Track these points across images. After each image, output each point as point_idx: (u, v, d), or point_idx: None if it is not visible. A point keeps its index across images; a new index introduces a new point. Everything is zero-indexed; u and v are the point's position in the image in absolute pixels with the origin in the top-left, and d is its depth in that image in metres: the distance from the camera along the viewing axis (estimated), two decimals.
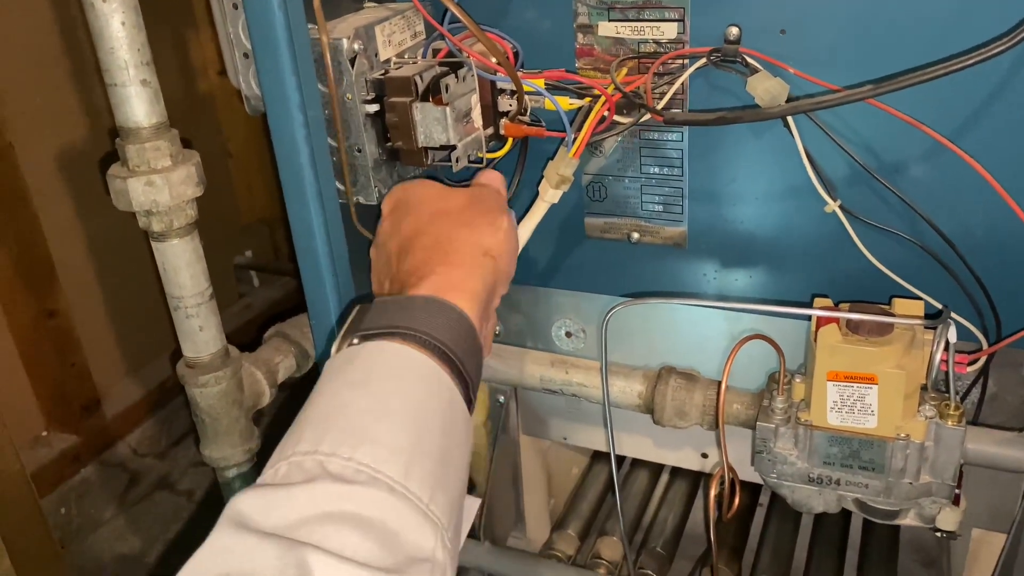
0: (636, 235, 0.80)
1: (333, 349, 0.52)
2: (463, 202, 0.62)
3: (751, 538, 0.97)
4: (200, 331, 0.71)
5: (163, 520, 1.45)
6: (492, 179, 0.67)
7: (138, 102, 0.63)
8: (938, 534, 0.70)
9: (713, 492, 0.72)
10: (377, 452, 0.43)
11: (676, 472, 1.08)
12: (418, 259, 0.57)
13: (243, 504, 0.41)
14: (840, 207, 0.69)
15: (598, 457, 1.13)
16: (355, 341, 0.50)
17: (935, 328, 0.60)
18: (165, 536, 1.41)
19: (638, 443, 0.92)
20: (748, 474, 0.76)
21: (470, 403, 0.51)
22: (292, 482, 0.42)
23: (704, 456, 0.90)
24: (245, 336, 1.70)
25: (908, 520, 0.67)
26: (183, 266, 0.69)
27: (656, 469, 1.08)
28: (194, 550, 0.43)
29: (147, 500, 1.50)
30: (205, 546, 0.41)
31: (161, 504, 1.49)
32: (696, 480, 1.05)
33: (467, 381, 0.50)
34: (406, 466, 0.43)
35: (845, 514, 0.79)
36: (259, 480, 0.44)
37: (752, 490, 1.04)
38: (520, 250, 0.72)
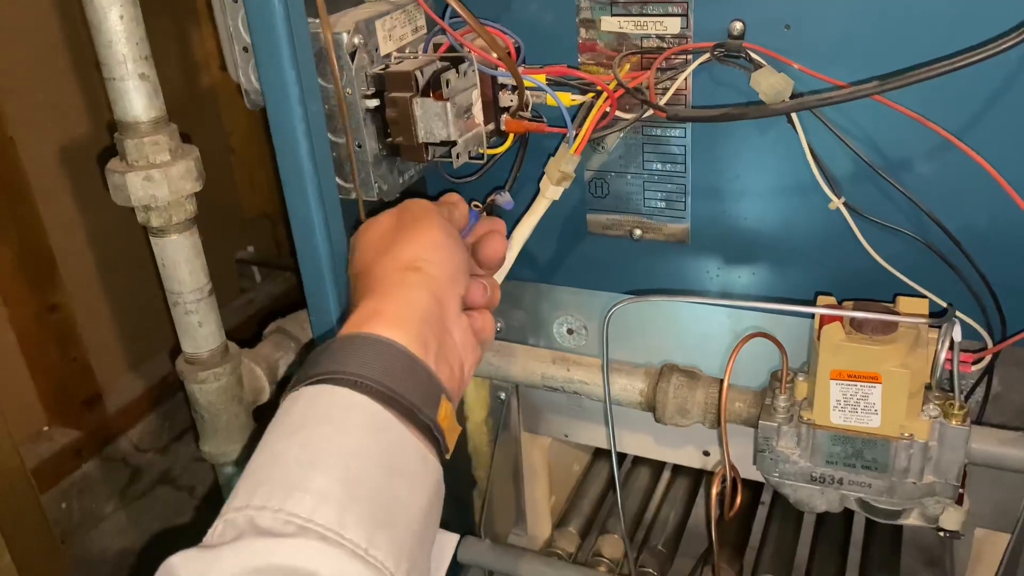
0: (638, 232, 0.79)
1: (281, 399, 0.51)
2: (384, 226, 0.60)
3: (753, 536, 0.97)
4: (199, 327, 0.71)
5: (164, 515, 1.45)
6: (447, 197, 0.66)
7: (136, 96, 0.63)
8: (941, 534, 0.70)
9: (715, 490, 0.71)
10: (307, 501, 0.41)
11: (677, 470, 1.08)
12: (353, 303, 0.56)
13: (177, 566, 0.41)
14: (844, 204, 0.68)
15: (599, 454, 1.13)
16: (291, 392, 0.49)
17: (940, 327, 0.60)
18: (166, 531, 1.40)
19: (639, 441, 0.91)
20: (750, 472, 0.76)
21: (427, 428, 0.49)
22: (224, 541, 0.41)
23: (706, 454, 0.90)
24: (247, 331, 1.70)
25: (911, 520, 0.67)
26: (182, 262, 0.68)
27: (657, 467, 1.07)
28: (195, 543, 0.43)
29: (148, 495, 1.49)
30: None
31: (162, 499, 1.49)
32: (698, 478, 1.04)
33: (409, 409, 0.48)
34: (339, 512, 0.42)
35: (847, 513, 0.79)
36: (202, 541, 0.43)
37: (754, 488, 1.04)
38: (521, 247, 0.72)
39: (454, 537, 0.52)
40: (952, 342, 0.59)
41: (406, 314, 0.51)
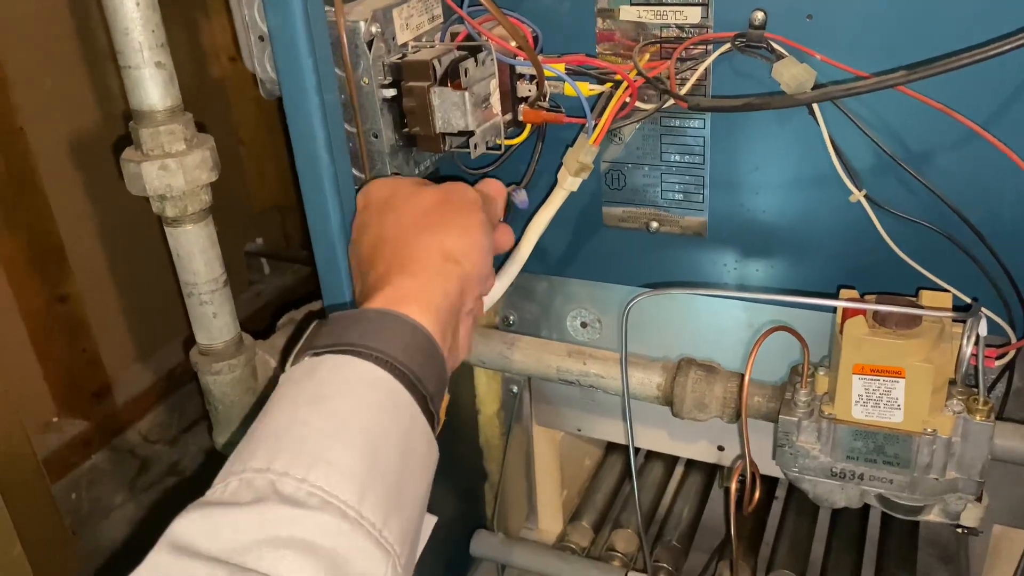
0: (655, 224, 0.78)
1: (290, 362, 0.50)
2: (430, 203, 0.58)
3: (767, 532, 0.96)
4: (214, 318, 0.70)
5: (173, 507, 1.44)
6: (491, 188, 0.65)
7: (152, 85, 0.62)
8: (959, 530, 0.69)
9: (734, 486, 0.71)
10: (331, 474, 0.41)
11: (691, 464, 1.07)
12: (379, 270, 0.55)
13: (187, 527, 0.40)
14: (865, 196, 0.68)
15: (612, 449, 1.12)
16: (311, 356, 0.48)
17: (965, 321, 0.59)
18: None
19: (653, 435, 0.91)
20: (765, 467, 0.75)
21: (432, 418, 0.49)
22: (240, 501, 0.40)
23: (720, 449, 0.89)
24: (256, 324, 1.70)
25: (932, 516, 0.66)
26: (197, 252, 0.68)
27: (671, 461, 1.07)
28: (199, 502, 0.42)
29: (157, 487, 1.49)
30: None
31: (171, 491, 1.49)
32: (711, 473, 1.04)
33: (425, 396, 0.48)
34: (360, 490, 0.41)
35: (864, 509, 0.78)
36: (207, 495, 0.42)
37: (768, 484, 1.03)
38: (538, 238, 0.71)
39: (432, 519, 0.52)
40: (978, 337, 0.58)
41: (439, 304, 0.51)
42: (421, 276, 0.52)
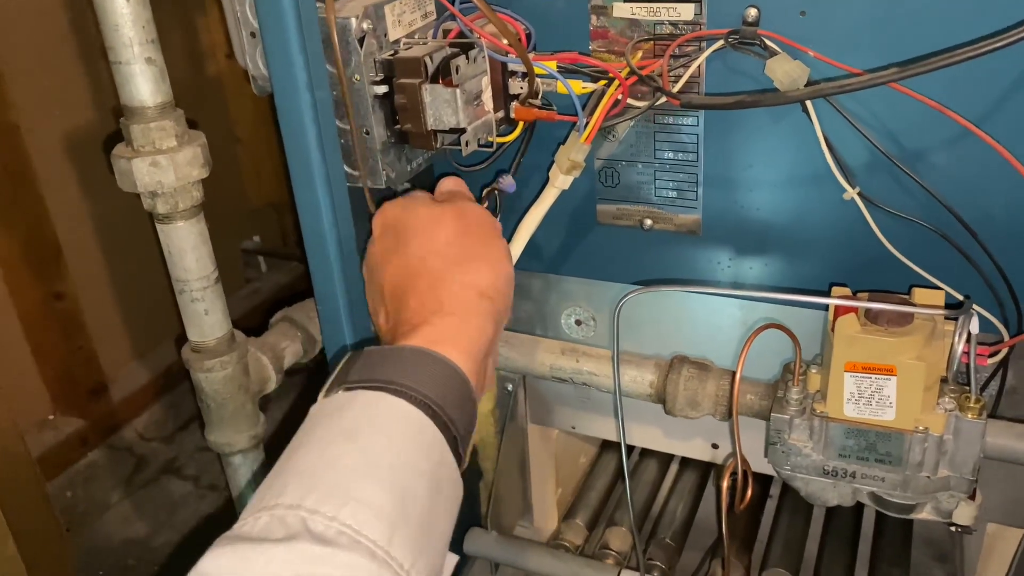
0: (649, 222, 0.78)
1: (321, 394, 0.50)
2: (453, 231, 0.58)
3: (761, 530, 0.96)
4: (206, 315, 0.70)
5: (169, 505, 1.45)
6: (461, 187, 0.65)
7: (143, 81, 0.62)
8: (953, 529, 0.69)
9: (725, 483, 0.71)
10: (361, 513, 0.41)
11: (686, 462, 1.07)
12: (412, 306, 0.54)
13: (217, 562, 0.40)
14: (859, 194, 0.68)
15: (607, 447, 1.12)
16: (344, 390, 0.48)
17: (957, 319, 0.59)
18: (171, 521, 1.40)
19: (648, 433, 0.91)
20: (759, 466, 0.75)
21: (460, 460, 0.49)
22: (271, 537, 0.40)
23: (715, 447, 0.89)
24: (252, 321, 1.70)
25: (924, 514, 0.66)
26: (188, 249, 0.68)
27: (665, 459, 1.06)
28: (200, 535, 0.42)
29: (153, 484, 1.50)
30: None
31: (167, 489, 1.49)
32: (706, 471, 1.04)
33: (456, 437, 0.48)
34: (390, 530, 0.41)
35: (858, 507, 0.78)
36: (236, 528, 0.42)
37: (763, 482, 1.03)
38: (530, 236, 0.71)
39: (454, 557, 0.52)
40: (969, 335, 0.58)
41: (478, 345, 0.51)
42: (459, 315, 0.52)
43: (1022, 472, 0.73)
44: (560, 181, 0.68)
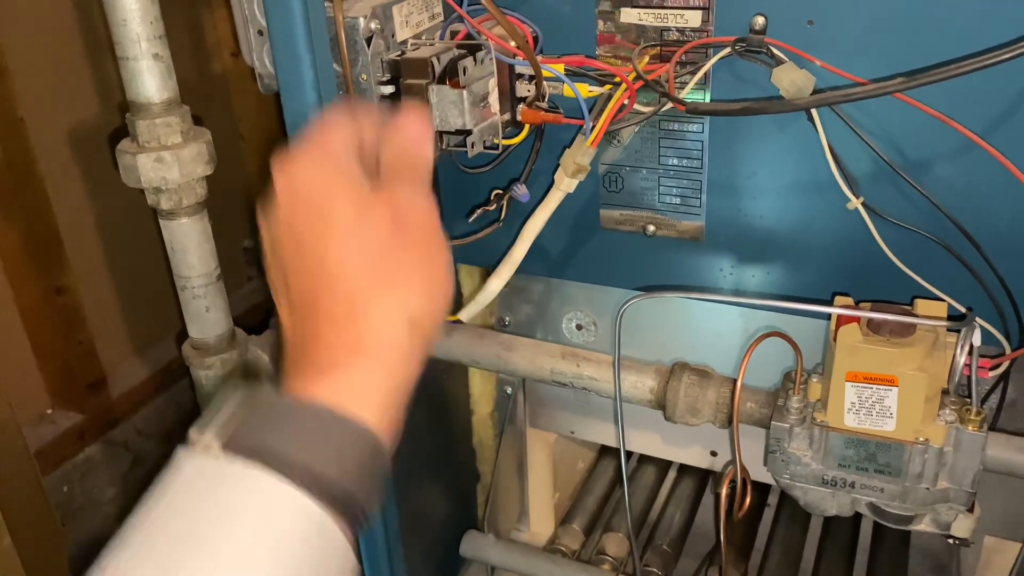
0: (652, 228, 0.78)
1: (192, 431, 0.41)
2: (387, 236, 0.43)
3: (759, 539, 0.96)
4: (207, 312, 0.70)
5: None
6: (418, 141, 0.46)
7: (150, 76, 0.62)
8: (951, 540, 0.69)
9: (724, 491, 0.71)
10: None
11: (684, 469, 1.07)
12: (324, 332, 0.41)
13: None
14: (863, 204, 0.67)
15: (605, 452, 1.12)
16: (221, 447, 0.38)
17: (959, 330, 0.59)
18: None
19: (647, 439, 0.90)
20: (757, 474, 0.75)
21: (359, 530, 0.39)
22: None
23: (714, 454, 0.89)
24: (252, 319, 1.69)
25: (923, 526, 0.66)
26: (192, 246, 0.68)
27: (663, 466, 1.06)
28: None
29: (150, 481, 1.49)
30: None
31: None
32: (704, 478, 1.04)
33: (356, 518, 0.38)
34: None
35: (855, 517, 0.78)
36: None
37: (761, 490, 1.03)
38: (534, 239, 0.71)
39: None
40: (971, 347, 0.58)
41: (399, 395, 0.41)
42: (380, 360, 0.41)
43: (1020, 486, 0.73)
44: (565, 184, 0.68)
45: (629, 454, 1.09)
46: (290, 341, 0.44)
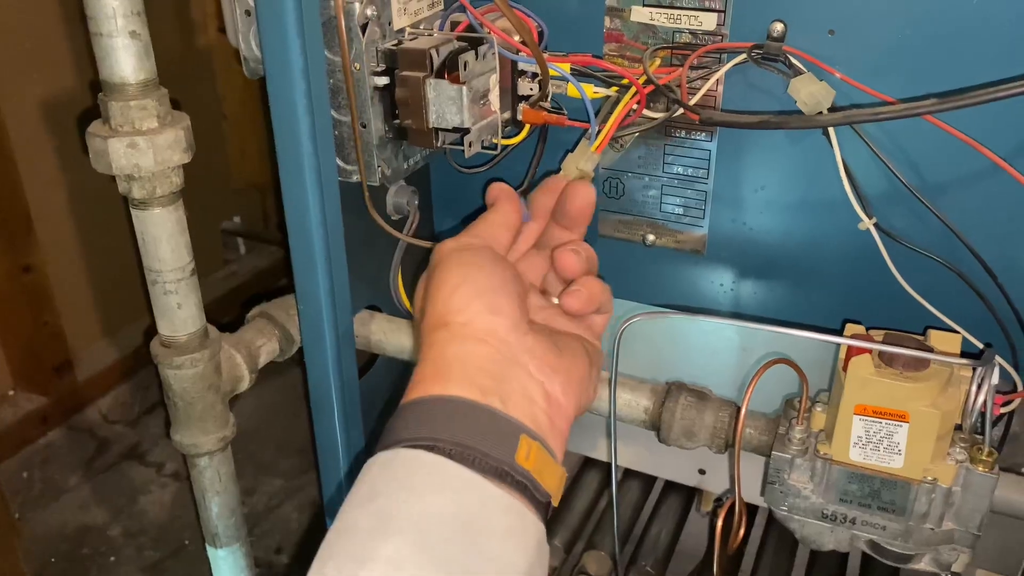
0: (651, 237, 0.75)
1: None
2: (420, 292, 0.54)
3: (745, 559, 0.93)
4: (178, 309, 0.66)
5: (129, 492, 1.39)
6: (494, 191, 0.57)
7: (125, 55, 0.57)
8: (942, 574, 0.66)
9: (720, 520, 0.68)
10: (380, 569, 0.38)
11: (670, 485, 1.04)
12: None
13: None
14: (875, 225, 0.64)
15: (590, 464, 1.08)
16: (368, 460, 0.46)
17: (978, 368, 0.56)
18: (131, 509, 1.35)
19: (634, 453, 0.88)
20: (746, 494, 0.72)
21: (512, 478, 0.43)
22: None
23: (702, 472, 0.86)
24: (229, 304, 1.65)
25: (922, 565, 0.63)
26: (164, 238, 0.63)
27: (649, 481, 1.03)
28: (159, 526, 0.40)
29: (114, 469, 1.44)
30: None
31: (128, 475, 1.43)
32: (690, 495, 1.00)
33: (491, 465, 0.43)
34: None
35: None
36: None
37: (749, 511, 1.00)
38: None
39: None
40: (990, 386, 0.55)
41: (446, 369, 0.47)
42: (422, 359, 0.49)
43: (1014, 520, 0.71)
44: None
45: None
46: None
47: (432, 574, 0.39)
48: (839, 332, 0.64)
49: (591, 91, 0.65)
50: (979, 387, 0.55)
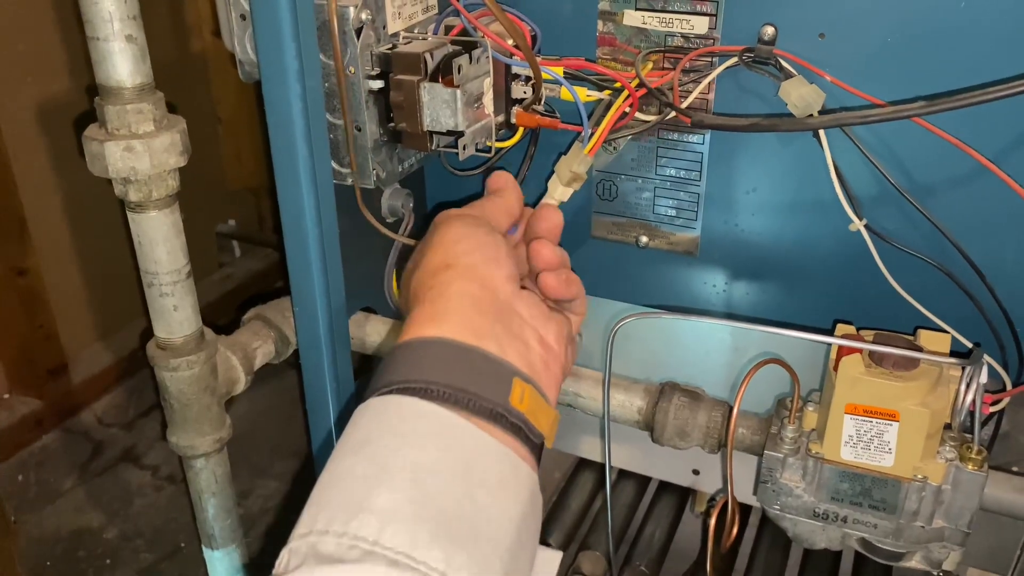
0: (645, 239, 0.75)
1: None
2: (416, 256, 0.54)
3: (739, 559, 0.94)
4: (174, 311, 0.66)
5: (125, 494, 1.39)
6: (496, 180, 0.59)
7: (121, 59, 0.58)
8: (936, 573, 0.67)
9: (713, 520, 0.68)
10: (373, 522, 0.38)
11: (664, 485, 1.04)
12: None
13: None
14: (866, 226, 0.65)
15: (584, 465, 1.09)
16: (359, 406, 0.45)
17: (967, 367, 0.56)
18: (126, 511, 1.35)
19: (628, 454, 0.88)
20: (740, 494, 0.72)
21: (508, 421, 0.43)
22: (287, 572, 0.37)
23: (696, 473, 0.87)
24: (224, 306, 1.65)
25: (913, 563, 0.64)
26: (160, 240, 0.63)
27: (643, 481, 1.04)
28: (155, 528, 0.39)
29: (109, 472, 1.44)
30: None
31: (124, 477, 1.43)
32: (684, 495, 1.01)
33: (485, 408, 0.43)
34: (410, 532, 0.37)
35: None
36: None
37: (742, 511, 1.01)
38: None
39: (557, 554, 0.48)
40: (978, 385, 0.56)
41: (444, 308, 0.47)
42: (419, 301, 0.49)
43: (1006, 519, 0.71)
44: (559, 193, 0.65)
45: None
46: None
47: (424, 525, 0.38)
48: (830, 332, 0.65)
49: (584, 94, 0.65)
50: (968, 386, 0.56)
